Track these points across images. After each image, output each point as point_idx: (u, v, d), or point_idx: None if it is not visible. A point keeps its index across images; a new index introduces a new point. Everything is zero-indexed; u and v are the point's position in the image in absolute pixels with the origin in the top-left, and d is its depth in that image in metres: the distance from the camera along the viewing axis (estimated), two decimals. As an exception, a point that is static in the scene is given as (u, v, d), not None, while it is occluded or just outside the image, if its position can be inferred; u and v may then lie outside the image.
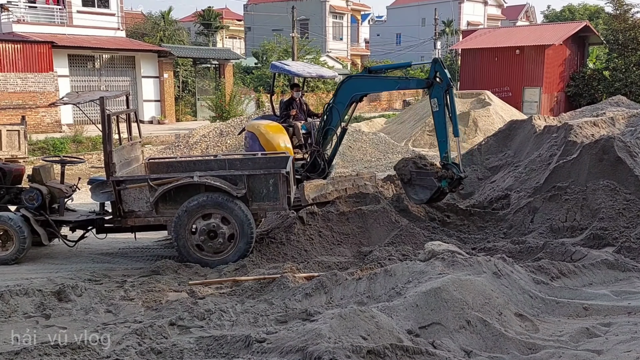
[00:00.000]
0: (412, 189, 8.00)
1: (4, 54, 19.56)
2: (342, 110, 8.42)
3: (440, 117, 7.63)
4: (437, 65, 7.76)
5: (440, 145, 7.76)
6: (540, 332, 4.16)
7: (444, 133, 7.64)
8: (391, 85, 8.56)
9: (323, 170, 8.67)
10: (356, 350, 3.51)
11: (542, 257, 5.79)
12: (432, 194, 7.75)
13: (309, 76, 10.37)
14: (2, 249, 6.95)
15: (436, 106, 7.65)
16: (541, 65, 25.90)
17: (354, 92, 8.31)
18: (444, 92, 7.59)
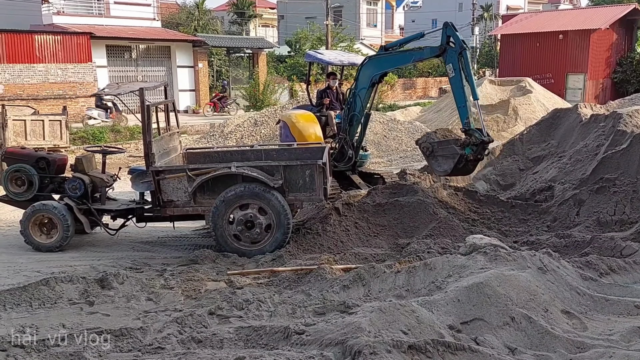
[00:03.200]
0: (435, 161, 7.59)
1: (45, 46, 20.08)
2: (364, 94, 8.35)
3: (457, 82, 7.34)
4: (448, 29, 7.44)
5: (461, 112, 7.39)
6: (589, 330, 4.02)
7: (463, 98, 7.28)
8: (406, 58, 8.29)
9: (350, 158, 8.62)
10: (397, 345, 3.47)
11: (589, 252, 5.59)
12: (456, 163, 7.27)
13: (341, 64, 10.29)
14: (47, 237, 7.16)
15: (452, 72, 7.38)
16: (586, 51, 24.99)
17: (373, 73, 8.21)
18: (457, 56, 7.31)
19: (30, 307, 4.80)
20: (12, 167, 7.50)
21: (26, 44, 19.68)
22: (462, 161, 7.26)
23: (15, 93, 19.20)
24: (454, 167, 7.32)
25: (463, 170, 7.60)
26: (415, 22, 52.37)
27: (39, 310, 4.76)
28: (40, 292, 4.98)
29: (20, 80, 19.44)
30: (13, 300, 4.84)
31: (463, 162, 7.28)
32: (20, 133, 12.29)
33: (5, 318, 4.57)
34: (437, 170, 7.64)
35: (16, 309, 4.74)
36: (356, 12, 42.45)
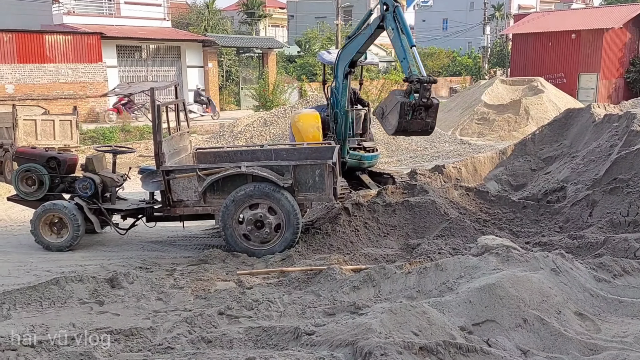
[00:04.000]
0: (385, 121, 7.37)
1: (55, 46, 20.23)
2: (341, 89, 8.53)
3: (396, 40, 7.39)
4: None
5: (402, 64, 7.33)
6: (602, 332, 3.97)
7: (403, 52, 7.26)
8: (362, 38, 8.33)
9: None
10: (408, 347, 3.43)
11: (603, 253, 5.51)
12: (400, 112, 6.94)
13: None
14: (57, 236, 7.20)
15: (391, 32, 7.46)
16: (599, 50, 24.80)
17: (344, 65, 8.46)
18: (392, 15, 7.43)
19: (41, 306, 4.81)
20: (23, 166, 7.54)
21: (37, 44, 19.83)
22: (408, 110, 6.91)
23: (26, 93, 19.36)
24: (400, 118, 6.95)
25: (416, 126, 7.13)
26: (426, 22, 52.15)
27: (49, 310, 4.77)
28: (51, 291, 4.99)
29: (30, 80, 19.59)
30: (23, 299, 4.86)
31: (410, 112, 6.94)
32: (30, 133, 12.37)
33: (15, 317, 4.59)
34: (387, 129, 7.32)
35: (26, 308, 4.76)
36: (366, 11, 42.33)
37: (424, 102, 6.92)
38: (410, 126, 7.11)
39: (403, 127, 7.08)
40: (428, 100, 6.93)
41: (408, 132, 7.37)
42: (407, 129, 7.16)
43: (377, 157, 9.43)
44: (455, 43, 42.56)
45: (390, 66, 37.60)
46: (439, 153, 14.45)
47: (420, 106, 6.91)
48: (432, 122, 7.26)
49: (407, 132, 7.36)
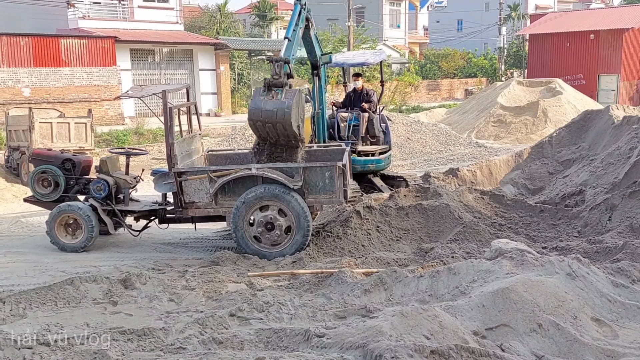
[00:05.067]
0: None
1: (71, 49, 20.49)
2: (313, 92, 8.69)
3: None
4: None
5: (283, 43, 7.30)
6: (620, 338, 3.90)
7: (288, 29, 7.40)
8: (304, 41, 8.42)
9: None
10: (419, 350, 3.41)
11: (621, 258, 5.43)
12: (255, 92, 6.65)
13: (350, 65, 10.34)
14: (72, 237, 7.29)
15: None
16: (619, 51, 24.39)
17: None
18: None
19: (56, 306, 4.87)
20: (39, 168, 7.65)
21: (52, 48, 20.10)
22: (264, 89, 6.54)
23: (42, 96, 19.61)
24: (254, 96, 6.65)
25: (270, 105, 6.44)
26: (440, 23, 51.73)
27: (64, 309, 4.82)
28: (65, 291, 5.04)
29: (46, 84, 19.85)
30: (39, 299, 4.92)
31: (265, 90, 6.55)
32: (46, 135, 12.53)
33: (31, 316, 4.65)
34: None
35: (42, 307, 4.82)
36: (379, 13, 42.24)
37: (275, 78, 6.56)
38: (271, 137, 6.60)
39: (264, 138, 6.58)
40: (279, 78, 6.56)
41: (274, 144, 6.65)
42: (270, 138, 6.59)
43: (375, 162, 9.05)
44: (471, 44, 42.18)
45: (404, 68, 37.50)
46: (453, 156, 14.35)
47: (273, 85, 6.48)
48: (290, 132, 6.47)
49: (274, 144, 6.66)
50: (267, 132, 6.54)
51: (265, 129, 6.51)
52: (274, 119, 6.41)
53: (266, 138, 6.65)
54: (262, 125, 6.47)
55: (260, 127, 6.49)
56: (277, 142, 6.65)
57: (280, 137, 6.58)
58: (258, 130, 6.56)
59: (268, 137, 6.62)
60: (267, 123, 6.44)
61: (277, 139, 6.62)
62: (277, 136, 6.58)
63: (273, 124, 6.43)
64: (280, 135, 6.55)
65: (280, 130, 6.49)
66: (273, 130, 6.50)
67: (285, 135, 6.55)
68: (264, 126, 6.46)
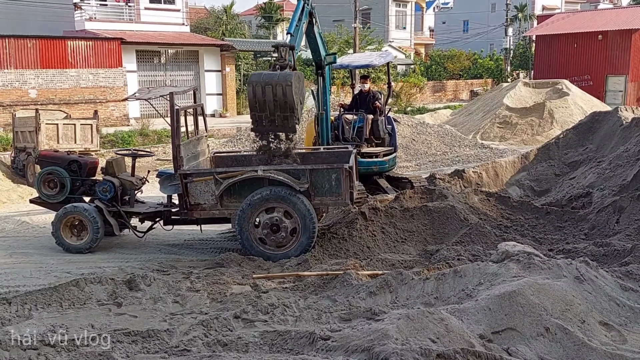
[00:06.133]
0: None
1: (77, 51, 20.58)
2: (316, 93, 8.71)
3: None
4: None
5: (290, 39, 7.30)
6: (629, 343, 3.86)
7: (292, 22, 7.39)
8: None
9: None
10: (425, 353, 3.38)
11: (630, 261, 5.37)
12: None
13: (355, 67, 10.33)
14: (77, 239, 7.30)
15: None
16: (627, 52, 24.23)
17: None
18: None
19: (61, 307, 4.88)
20: (45, 169, 7.67)
21: (59, 50, 20.20)
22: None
23: (48, 97, 19.71)
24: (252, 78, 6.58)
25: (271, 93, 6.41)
26: (446, 24, 51.60)
27: (69, 311, 4.83)
28: (70, 292, 5.06)
29: (52, 85, 19.95)
30: (44, 300, 4.93)
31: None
32: (52, 137, 12.56)
33: (36, 317, 4.65)
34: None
35: (47, 308, 4.83)
36: (385, 14, 42.18)
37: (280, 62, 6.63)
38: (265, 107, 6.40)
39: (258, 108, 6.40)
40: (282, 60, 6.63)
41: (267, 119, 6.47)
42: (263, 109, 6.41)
43: (379, 163, 9.01)
44: (477, 45, 42.03)
45: (409, 69, 37.43)
46: (459, 157, 14.29)
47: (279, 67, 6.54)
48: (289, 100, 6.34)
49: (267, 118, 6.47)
50: (264, 99, 6.33)
51: (263, 94, 6.31)
52: (274, 80, 6.32)
53: (262, 107, 6.42)
54: (261, 90, 6.29)
55: (259, 92, 6.30)
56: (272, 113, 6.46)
57: (279, 102, 6.34)
58: (255, 96, 6.34)
59: (265, 105, 6.39)
60: (267, 85, 6.30)
61: (274, 106, 6.38)
62: (275, 102, 6.34)
63: (273, 85, 6.28)
64: (278, 101, 6.33)
65: (279, 95, 6.29)
66: (271, 95, 6.30)
67: (284, 102, 6.34)
68: (263, 90, 6.28)
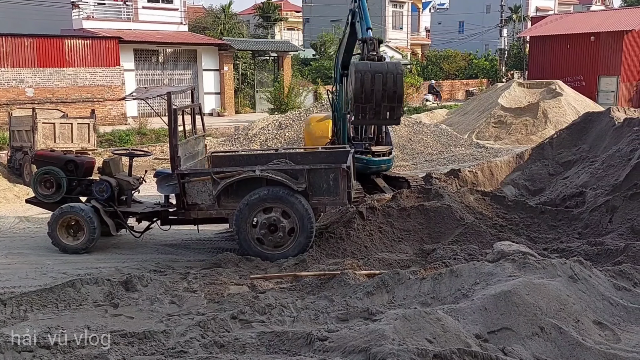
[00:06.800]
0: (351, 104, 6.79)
1: (74, 50, 20.53)
2: (339, 93, 8.66)
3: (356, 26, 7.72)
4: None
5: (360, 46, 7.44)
6: (622, 342, 3.87)
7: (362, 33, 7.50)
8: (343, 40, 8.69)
9: None
10: (422, 354, 3.38)
11: (623, 260, 5.40)
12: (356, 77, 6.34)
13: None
14: (73, 239, 7.27)
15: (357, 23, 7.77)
16: (619, 53, 24.48)
17: (337, 66, 8.73)
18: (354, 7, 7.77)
19: (57, 308, 4.86)
20: (41, 169, 7.64)
21: (56, 48, 20.15)
22: (364, 74, 6.23)
23: (45, 96, 19.65)
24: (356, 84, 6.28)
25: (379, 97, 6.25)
26: (442, 24, 51.90)
27: (65, 312, 4.81)
28: (66, 293, 5.03)
29: (50, 84, 19.89)
30: (40, 301, 4.91)
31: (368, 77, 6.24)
32: (49, 136, 12.53)
33: (32, 319, 4.63)
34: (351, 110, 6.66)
35: (43, 310, 4.81)
36: (382, 14, 42.22)
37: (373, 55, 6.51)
38: (372, 97, 6.15)
39: (364, 98, 6.11)
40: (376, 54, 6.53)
41: (373, 110, 6.22)
42: (369, 99, 6.13)
43: (386, 161, 9.20)
44: (472, 45, 42.26)
45: (406, 69, 37.44)
46: (454, 157, 14.32)
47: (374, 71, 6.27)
48: (399, 90, 6.21)
49: (372, 110, 6.20)
50: (372, 88, 6.12)
51: (372, 83, 6.11)
52: (385, 69, 6.19)
53: (369, 97, 6.17)
54: (370, 78, 6.08)
55: (367, 81, 6.09)
56: (378, 103, 6.22)
57: (387, 92, 6.14)
58: (363, 85, 6.11)
59: (372, 95, 6.15)
60: (376, 73, 6.11)
61: (381, 95, 6.15)
62: (384, 91, 6.13)
63: (384, 73, 6.11)
64: (387, 91, 6.13)
65: (389, 85, 6.12)
66: (380, 85, 6.11)
67: (393, 92, 6.17)
68: (372, 78, 6.08)
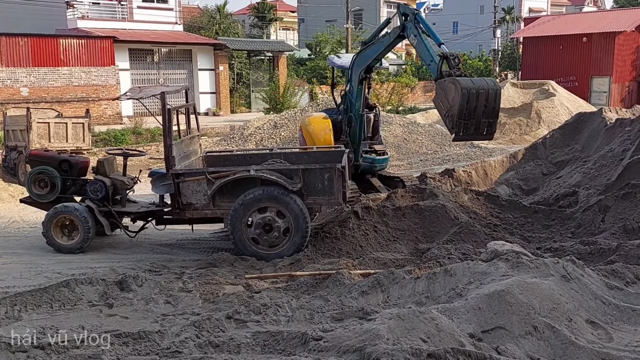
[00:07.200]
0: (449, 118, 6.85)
1: (69, 49, 20.46)
2: (356, 94, 8.54)
3: (420, 44, 7.54)
4: (401, 7, 7.87)
5: (431, 67, 7.42)
6: (615, 341, 3.89)
7: (430, 55, 7.38)
8: (380, 46, 8.45)
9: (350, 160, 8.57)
10: (416, 353, 3.39)
11: (615, 260, 5.43)
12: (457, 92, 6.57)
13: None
14: (68, 239, 7.25)
15: (414, 39, 7.60)
16: (611, 53, 24.71)
17: (359, 70, 8.48)
18: (414, 24, 7.58)
19: (51, 308, 4.85)
20: (35, 169, 7.62)
21: (51, 48, 20.08)
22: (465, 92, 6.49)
23: (40, 96, 19.58)
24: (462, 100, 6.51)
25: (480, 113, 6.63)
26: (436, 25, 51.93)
27: (59, 312, 4.80)
28: (61, 293, 5.02)
29: (44, 83, 19.82)
30: (34, 301, 4.89)
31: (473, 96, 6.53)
32: (44, 135, 12.48)
33: (26, 319, 4.62)
34: (451, 126, 6.77)
35: (37, 310, 4.80)
36: (376, 15, 42.32)
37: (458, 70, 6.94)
38: (474, 113, 6.56)
39: (467, 114, 6.50)
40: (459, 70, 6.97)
41: (474, 125, 6.61)
42: (472, 116, 6.54)
43: (387, 160, 9.45)
44: (466, 46, 42.38)
45: (401, 69, 37.50)
46: (449, 156, 14.37)
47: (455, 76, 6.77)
48: (498, 106, 6.75)
49: (473, 125, 6.61)
50: (475, 105, 6.56)
51: (476, 100, 6.56)
52: (487, 86, 6.67)
53: (472, 113, 6.61)
54: (475, 94, 6.53)
55: (472, 97, 6.52)
56: (478, 119, 6.71)
57: (487, 108, 6.64)
58: (468, 102, 6.53)
59: (474, 112, 6.62)
60: (480, 90, 6.58)
61: (482, 111, 6.64)
62: (485, 107, 6.61)
63: (486, 91, 6.58)
64: (487, 107, 6.63)
65: (490, 101, 6.61)
66: (483, 101, 6.58)
67: (492, 108, 6.68)
68: (477, 95, 6.54)
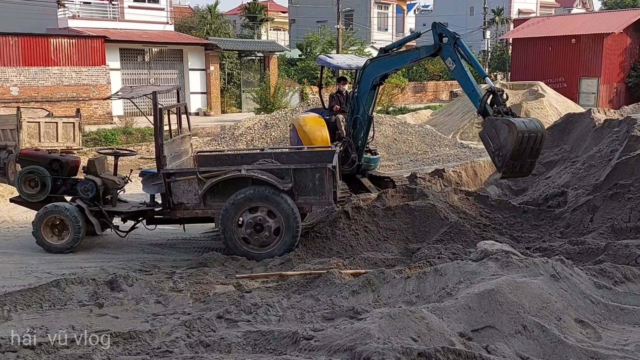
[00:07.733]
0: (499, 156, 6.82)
1: (60, 49, 20.32)
2: (366, 97, 8.45)
3: (460, 71, 7.36)
4: (438, 28, 7.58)
5: (472, 97, 7.26)
6: (603, 340, 3.94)
7: (470, 84, 7.24)
8: (404, 59, 8.37)
9: (354, 161, 8.62)
10: (406, 352, 3.41)
11: (603, 259, 5.48)
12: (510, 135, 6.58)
13: (349, 68, 10.31)
14: (58, 238, 7.21)
15: (452, 64, 7.40)
16: (599, 55, 24.97)
17: (374, 75, 8.34)
18: (453, 47, 7.38)
19: (41, 308, 4.83)
20: (25, 168, 7.57)
21: (42, 47, 19.93)
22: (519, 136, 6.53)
23: (30, 95, 19.43)
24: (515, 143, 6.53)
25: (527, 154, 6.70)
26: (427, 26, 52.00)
27: (49, 312, 4.78)
28: (51, 293, 5.00)
29: (35, 83, 19.67)
30: (24, 301, 4.87)
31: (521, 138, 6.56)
32: (34, 135, 12.39)
33: (16, 319, 4.60)
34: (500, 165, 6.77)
35: (27, 310, 4.77)
36: (367, 16, 42.42)
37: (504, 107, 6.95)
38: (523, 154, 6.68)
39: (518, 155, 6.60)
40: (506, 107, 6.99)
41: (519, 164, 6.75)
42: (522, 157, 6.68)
43: (377, 160, 9.48)
44: (457, 47, 42.60)
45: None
46: (439, 157, 14.44)
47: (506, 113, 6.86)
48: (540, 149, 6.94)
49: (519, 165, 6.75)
50: (525, 145, 6.67)
51: (528, 141, 6.68)
52: (537, 128, 6.80)
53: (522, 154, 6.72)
54: (527, 137, 6.64)
55: (525, 140, 6.65)
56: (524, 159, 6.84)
57: (533, 149, 6.79)
58: (521, 144, 6.64)
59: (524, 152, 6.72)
60: (532, 133, 6.70)
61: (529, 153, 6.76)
62: (532, 148, 6.75)
63: (536, 133, 6.72)
64: (533, 148, 6.78)
65: (537, 143, 6.77)
66: (532, 144, 6.72)
67: (537, 149, 6.86)
68: (529, 138, 6.67)
